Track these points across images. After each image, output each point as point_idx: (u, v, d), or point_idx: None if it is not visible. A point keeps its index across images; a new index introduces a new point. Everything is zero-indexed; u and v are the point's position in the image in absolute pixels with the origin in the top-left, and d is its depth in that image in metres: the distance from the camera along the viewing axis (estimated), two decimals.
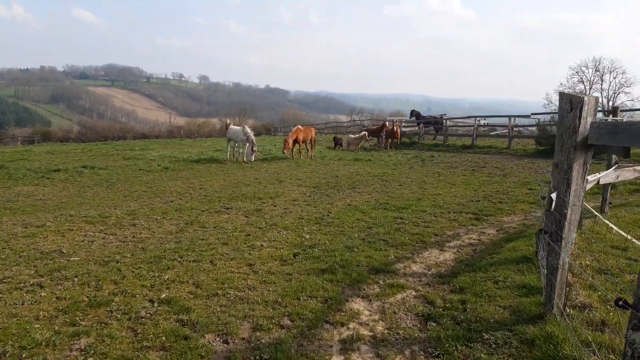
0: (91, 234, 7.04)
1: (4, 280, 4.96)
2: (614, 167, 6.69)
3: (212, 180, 13.56)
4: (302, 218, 8.10)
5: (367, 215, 8.21)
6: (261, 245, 6.24)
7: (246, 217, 8.27)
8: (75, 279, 4.97)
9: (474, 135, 24.17)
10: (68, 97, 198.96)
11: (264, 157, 21.21)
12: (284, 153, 20.29)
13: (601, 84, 47.41)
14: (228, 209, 9.02)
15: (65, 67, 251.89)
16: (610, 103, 44.83)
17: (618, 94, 46.64)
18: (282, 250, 6.02)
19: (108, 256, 5.81)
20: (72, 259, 5.69)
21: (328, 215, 8.32)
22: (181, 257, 5.66)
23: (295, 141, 20.22)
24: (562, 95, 3.52)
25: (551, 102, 48.13)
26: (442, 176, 13.67)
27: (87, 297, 4.48)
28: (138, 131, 61.52)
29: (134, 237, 6.85)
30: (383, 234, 6.73)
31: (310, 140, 21.21)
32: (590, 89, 47.92)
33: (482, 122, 26.79)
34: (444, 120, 29.03)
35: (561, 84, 51.31)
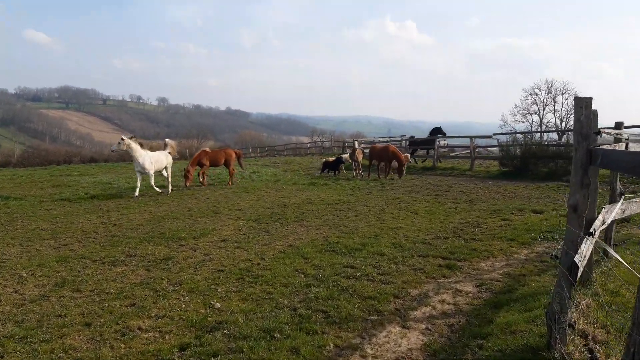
0: None
1: None
2: (620, 201, 5.10)
3: (135, 213, 11.39)
4: (222, 270, 6.12)
5: (310, 264, 6.32)
6: (139, 328, 4.22)
7: (147, 270, 6.22)
8: None
9: (435, 157, 22.82)
10: (19, 120, 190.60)
11: (211, 182, 19.12)
12: (186, 186, 16.93)
13: (554, 105, 47.83)
14: (130, 256, 6.94)
15: (17, 89, 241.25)
16: (564, 124, 45.13)
17: (570, 115, 47.10)
18: (166, 337, 4.02)
19: None
20: None
21: (258, 264, 6.38)
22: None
23: (201, 166, 17.69)
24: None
25: (506, 123, 48.13)
26: (403, 203, 11.97)
27: None
28: (86, 155, 57.98)
29: None
30: (324, 299, 4.83)
31: (227, 164, 18.28)
32: (543, 110, 48.34)
33: (442, 142, 25.55)
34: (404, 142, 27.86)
35: (515, 105, 51.68)
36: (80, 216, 11.13)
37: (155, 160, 15.46)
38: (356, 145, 22.08)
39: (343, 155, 22.38)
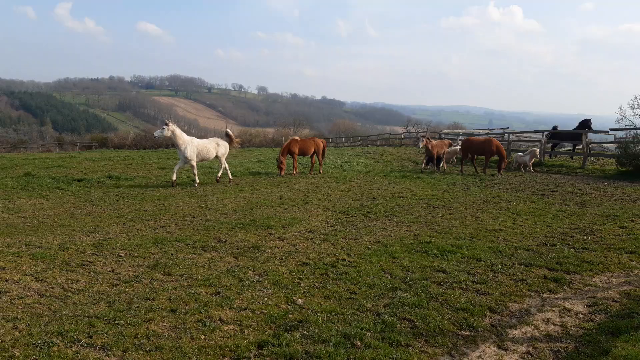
0: (15, 278, 5.26)
1: None
2: None
3: (230, 199, 11.73)
4: (307, 264, 5.99)
5: (397, 264, 5.98)
6: (220, 319, 4.19)
7: (235, 258, 6.27)
8: None
9: (542, 152, 21.02)
10: (134, 105, 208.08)
11: (303, 170, 19.33)
12: (280, 176, 17.19)
13: None
14: (220, 242, 7.07)
15: (133, 77, 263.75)
16: None
17: None
18: (245, 332, 3.93)
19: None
20: None
21: (344, 260, 6.16)
22: (89, 340, 3.73)
23: (291, 155, 17.96)
24: None
25: (624, 117, 42.95)
26: (504, 202, 11.10)
27: None
28: None
29: (62, 287, 5.01)
30: (411, 307, 4.48)
31: (316, 153, 18.56)
32: None
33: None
34: (507, 135, 26.01)
35: (635, 97, 46.21)
36: (180, 199, 11.69)
37: (201, 150, 14.66)
38: (430, 139, 20.71)
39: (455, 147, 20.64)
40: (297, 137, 19.37)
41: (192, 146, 14.45)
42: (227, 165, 15.70)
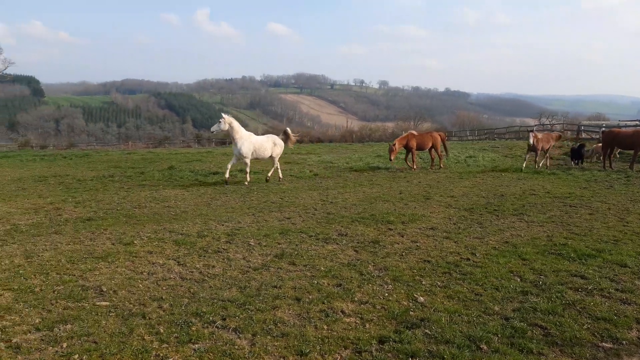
0: (160, 262, 5.90)
1: None
2: None
3: (350, 193, 11.92)
4: (428, 261, 5.86)
5: (528, 266, 5.58)
6: (342, 311, 4.28)
7: (355, 251, 6.36)
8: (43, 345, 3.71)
9: None
10: (263, 103, 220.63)
11: (423, 165, 18.93)
12: (390, 160, 17.40)
13: None
14: (341, 235, 7.22)
15: (262, 76, 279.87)
16: None
17: None
18: (366, 326, 3.96)
19: (142, 304, 4.49)
20: (99, 303, 4.52)
21: (468, 259, 5.92)
22: (222, 322, 4.05)
23: (409, 150, 17.56)
24: None
25: None
26: None
27: None
28: (314, 135, 63.76)
29: (200, 272, 5.50)
30: (544, 313, 4.16)
31: (434, 147, 17.96)
32: None
33: None
34: None
35: None
36: (303, 192, 12.16)
37: (257, 147, 14.06)
38: (537, 132, 18.48)
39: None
40: (413, 132, 18.99)
41: (249, 143, 13.82)
42: (278, 165, 15.04)
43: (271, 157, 14.62)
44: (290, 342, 3.67)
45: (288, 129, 15.63)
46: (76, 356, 3.46)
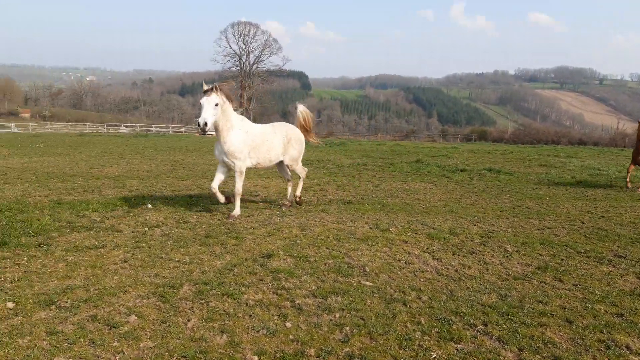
0: (415, 252, 6.02)
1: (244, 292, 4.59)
2: None
3: (626, 207, 10.08)
4: None
5: None
6: (626, 347, 3.60)
7: (638, 278, 5.33)
8: (324, 316, 4.07)
9: None
10: (515, 99, 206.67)
11: None
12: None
13: None
14: (618, 257, 6.14)
15: (517, 70, 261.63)
16: None
17: None
18: None
19: (402, 291, 4.63)
20: (364, 282, 4.84)
21: None
22: (484, 327, 3.88)
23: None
24: None
25: None
26: None
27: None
28: (574, 136, 56.86)
29: (456, 270, 5.38)
30: None
31: None
32: None
33: None
34: None
35: None
36: (565, 200, 10.88)
37: (256, 145, 8.08)
38: None
39: None
40: None
41: (238, 137, 7.84)
42: (303, 175, 9.27)
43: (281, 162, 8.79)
44: None
45: (301, 107, 9.39)
46: (347, 328, 3.79)
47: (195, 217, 7.84)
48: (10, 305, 4.01)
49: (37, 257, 5.41)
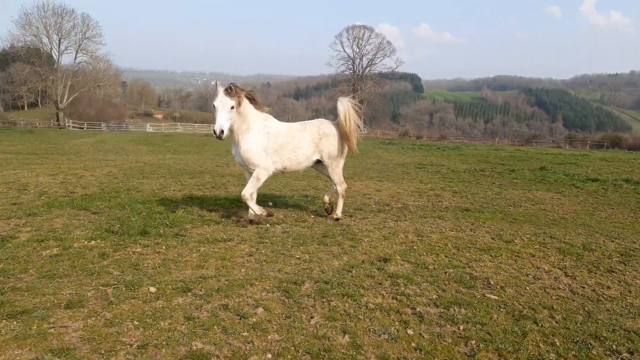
0: (545, 268, 5.55)
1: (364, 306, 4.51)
2: None
3: None
4: None
5: None
6: None
7: None
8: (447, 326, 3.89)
9: None
10: None
11: None
12: None
13: None
14: None
15: None
16: None
17: None
18: None
19: (532, 308, 4.30)
20: (488, 295, 4.58)
21: None
22: (629, 355, 3.47)
23: None
24: None
25: None
26: None
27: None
28: None
29: (593, 290, 4.87)
30: None
31: None
32: None
33: None
34: None
35: None
36: None
37: (280, 145, 7.38)
38: None
39: None
40: None
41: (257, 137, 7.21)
42: (340, 188, 7.94)
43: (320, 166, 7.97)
44: None
45: (343, 103, 7.57)
46: (473, 342, 3.63)
47: (312, 216, 8.06)
48: (152, 289, 4.43)
49: (173, 247, 5.94)
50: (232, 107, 6.66)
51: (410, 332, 3.77)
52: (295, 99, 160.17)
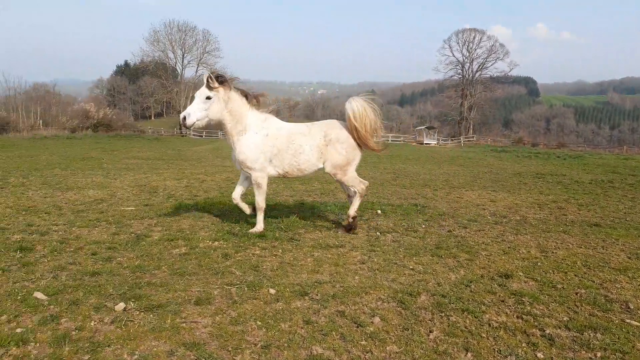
0: None
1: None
2: None
3: None
4: None
5: None
6: None
7: None
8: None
9: None
10: None
11: None
12: None
13: None
14: None
15: None
16: None
17: None
18: None
19: None
20: (628, 320, 4.08)
21: None
22: None
23: None
24: None
25: None
26: None
27: None
28: None
29: None
30: None
31: None
32: None
33: None
34: None
35: None
36: None
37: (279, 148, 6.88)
38: None
39: None
40: None
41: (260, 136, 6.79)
42: (359, 188, 7.26)
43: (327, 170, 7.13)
44: None
45: (352, 103, 6.88)
46: None
47: (423, 226, 7.87)
48: (272, 291, 4.60)
49: (289, 250, 6.13)
50: (208, 98, 6.32)
51: (540, 355, 3.49)
52: (399, 106, 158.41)
